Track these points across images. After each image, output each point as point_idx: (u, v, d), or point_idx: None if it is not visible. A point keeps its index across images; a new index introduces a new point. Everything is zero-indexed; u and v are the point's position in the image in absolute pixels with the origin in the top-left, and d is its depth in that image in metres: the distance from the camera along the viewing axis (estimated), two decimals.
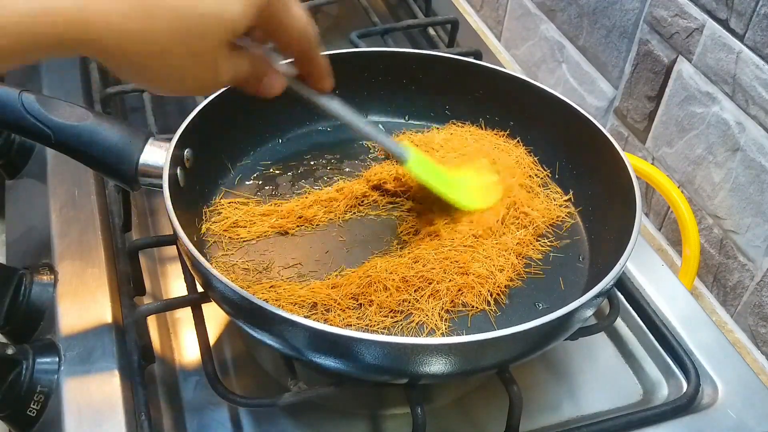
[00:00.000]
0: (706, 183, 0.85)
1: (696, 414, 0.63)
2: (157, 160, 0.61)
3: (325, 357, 0.54)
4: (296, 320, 0.51)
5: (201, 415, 0.63)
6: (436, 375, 0.54)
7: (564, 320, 0.54)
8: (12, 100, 0.58)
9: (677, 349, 0.66)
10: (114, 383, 0.60)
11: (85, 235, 0.71)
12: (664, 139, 0.90)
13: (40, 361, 0.61)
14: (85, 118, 0.60)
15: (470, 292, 0.61)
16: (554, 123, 0.75)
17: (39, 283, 0.67)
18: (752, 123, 0.77)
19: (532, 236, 0.68)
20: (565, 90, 1.06)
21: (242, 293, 0.52)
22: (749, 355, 0.81)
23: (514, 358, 0.57)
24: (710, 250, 0.85)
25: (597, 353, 0.71)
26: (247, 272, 0.64)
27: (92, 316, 0.65)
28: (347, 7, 1.11)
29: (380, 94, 0.81)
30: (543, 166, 0.76)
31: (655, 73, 0.89)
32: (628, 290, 0.71)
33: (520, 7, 1.15)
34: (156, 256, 0.76)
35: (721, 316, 0.85)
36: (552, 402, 0.66)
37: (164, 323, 0.70)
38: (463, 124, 0.80)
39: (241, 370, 0.67)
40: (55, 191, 0.76)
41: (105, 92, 0.85)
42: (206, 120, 0.68)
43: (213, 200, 0.71)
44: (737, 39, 0.77)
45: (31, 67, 0.94)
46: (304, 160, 0.77)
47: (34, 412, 0.60)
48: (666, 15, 0.86)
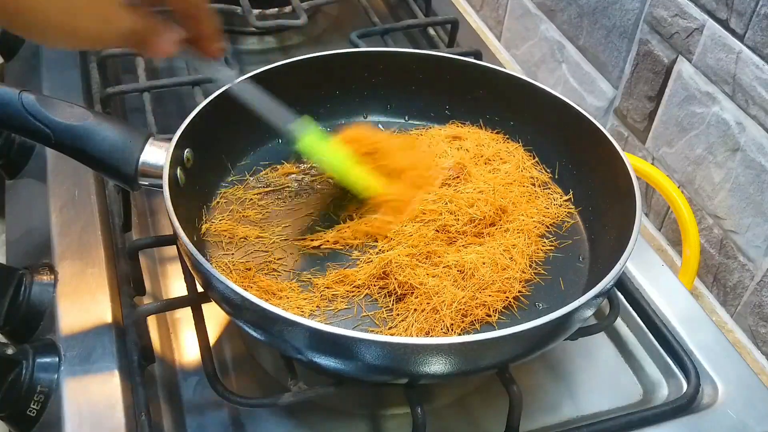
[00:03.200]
0: (706, 183, 0.85)
1: (696, 414, 0.63)
2: (157, 160, 0.61)
3: (325, 357, 0.54)
4: (296, 320, 0.51)
5: (201, 415, 0.63)
6: (436, 375, 0.54)
7: (564, 320, 0.54)
8: (12, 100, 0.58)
9: (677, 349, 0.66)
10: (114, 383, 0.60)
11: (85, 235, 0.71)
12: (664, 139, 0.90)
13: (40, 361, 0.61)
14: (85, 118, 0.60)
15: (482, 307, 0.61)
16: (554, 123, 0.75)
17: (39, 283, 0.67)
18: (752, 123, 0.77)
19: (534, 239, 0.68)
20: (565, 90, 1.06)
21: (242, 293, 0.52)
22: (749, 355, 0.81)
23: (514, 358, 0.57)
24: (710, 250, 0.85)
25: (597, 353, 0.71)
26: (248, 272, 0.64)
27: (92, 316, 0.65)
28: (347, 7, 1.11)
29: (380, 94, 0.81)
30: (543, 166, 0.76)
31: (655, 73, 0.89)
32: (628, 290, 0.71)
33: (520, 7, 1.15)
34: (156, 256, 0.76)
35: (721, 316, 0.85)
36: (552, 402, 0.66)
37: (164, 323, 0.70)
38: (463, 124, 0.80)
39: (241, 370, 0.67)
40: (55, 191, 0.76)
41: (105, 92, 0.85)
42: (206, 120, 0.68)
43: (213, 200, 0.71)
44: (737, 39, 0.77)
45: (31, 67, 0.94)
46: (304, 160, 0.77)
47: (34, 412, 0.60)
48: (666, 15, 0.86)
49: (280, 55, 1.06)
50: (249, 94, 0.63)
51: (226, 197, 0.71)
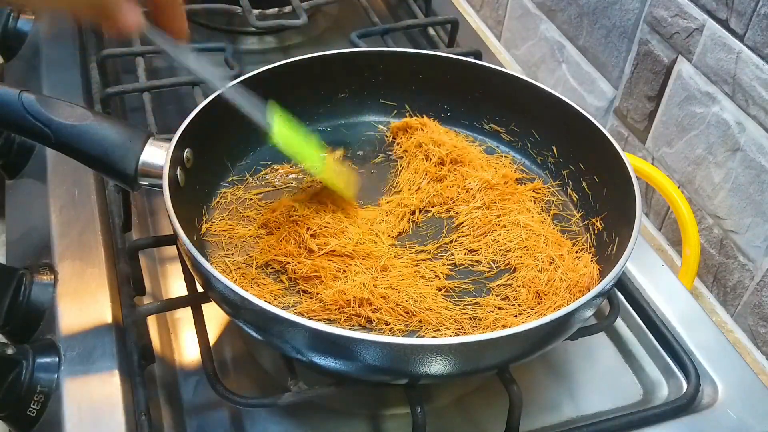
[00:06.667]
0: (706, 183, 0.85)
1: (696, 414, 0.63)
2: (157, 160, 0.61)
3: (325, 357, 0.54)
4: (296, 320, 0.51)
5: (201, 415, 0.63)
6: (437, 375, 0.54)
7: (564, 320, 0.54)
8: (12, 100, 0.58)
9: (677, 349, 0.66)
10: (114, 383, 0.60)
11: (85, 235, 0.71)
12: (664, 139, 0.90)
13: (40, 361, 0.61)
14: (85, 118, 0.60)
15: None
16: (554, 123, 0.75)
17: (39, 283, 0.67)
18: (752, 123, 0.77)
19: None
20: (565, 90, 1.06)
21: (242, 293, 0.52)
22: (749, 355, 0.81)
23: (514, 358, 0.57)
24: (710, 250, 0.85)
25: (597, 353, 0.71)
26: (248, 272, 0.64)
27: (92, 316, 0.65)
28: (347, 7, 1.11)
29: (380, 94, 0.81)
30: (543, 165, 0.77)
31: (655, 73, 0.89)
32: (628, 290, 0.71)
33: (520, 7, 1.15)
34: (156, 256, 0.76)
35: (721, 316, 0.85)
36: (552, 402, 0.66)
37: (164, 323, 0.70)
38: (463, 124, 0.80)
39: (241, 370, 0.67)
40: (55, 191, 0.76)
41: (105, 92, 0.85)
42: (206, 120, 0.68)
43: (213, 200, 0.71)
44: (737, 39, 0.77)
45: (31, 67, 0.94)
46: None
47: (34, 412, 0.60)
48: (666, 15, 0.86)
49: (280, 55, 1.06)
50: (234, 95, 0.63)
51: (226, 197, 0.71)
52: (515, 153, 0.79)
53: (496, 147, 0.80)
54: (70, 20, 0.96)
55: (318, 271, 0.62)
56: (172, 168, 0.61)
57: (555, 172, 0.76)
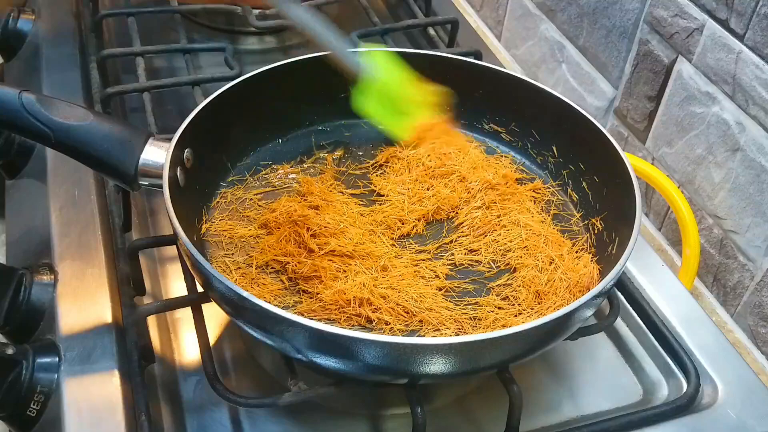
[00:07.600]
0: (706, 183, 0.85)
1: (696, 414, 0.63)
2: (157, 160, 0.61)
3: (325, 357, 0.54)
4: (296, 320, 0.51)
5: (201, 415, 0.63)
6: (437, 375, 0.54)
7: (564, 320, 0.54)
8: (12, 100, 0.58)
9: (677, 349, 0.66)
10: (114, 383, 0.60)
11: (85, 235, 0.71)
12: (664, 139, 0.90)
13: (40, 361, 0.61)
14: (85, 118, 0.60)
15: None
16: (554, 123, 0.75)
17: (39, 283, 0.67)
18: (752, 123, 0.77)
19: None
20: (565, 90, 1.06)
21: (242, 293, 0.52)
22: (749, 355, 0.81)
23: (514, 358, 0.57)
24: (710, 250, 0.85)
25: (597, 353, 0.71)
26: (248, 272, 0.64)
27: (92, 316, 0.65)
28: (347, 7, 1.11)
29: None
30: (543, 165, 0.77)
31: (655, 73, 0.89)
32: (628, 290, 0.71)
33: (520, 7, 1.15)
34: (156, 256, 0.76)
35: (721, 316, 0.85)
36: (552, 402, 0.66)
37: (164, 323, 0.70)
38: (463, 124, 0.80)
39: (241, 370, 0.67)
40: (55, 191, 0.76)
41: (105, 92, 0.85)
42: (206, 120, 0.68)
43: (213, 200, 0.71)
44: (737, 39, 0.77)
45: (31, 67, 0.94)
46: (305, 160, 0.77)
47: (34, 412, 0.60)
48: (666, 15, 0.86)
49: (280, 55, 1.06)
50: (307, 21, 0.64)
51: (226, 197, 0.71)
52: (515, 153, 0.79)
53: (496, 147, 0.80)
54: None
55: (318, 271, 0.62)
56: (172, 168, 0.61)
57: (555, 172, 0.76)
